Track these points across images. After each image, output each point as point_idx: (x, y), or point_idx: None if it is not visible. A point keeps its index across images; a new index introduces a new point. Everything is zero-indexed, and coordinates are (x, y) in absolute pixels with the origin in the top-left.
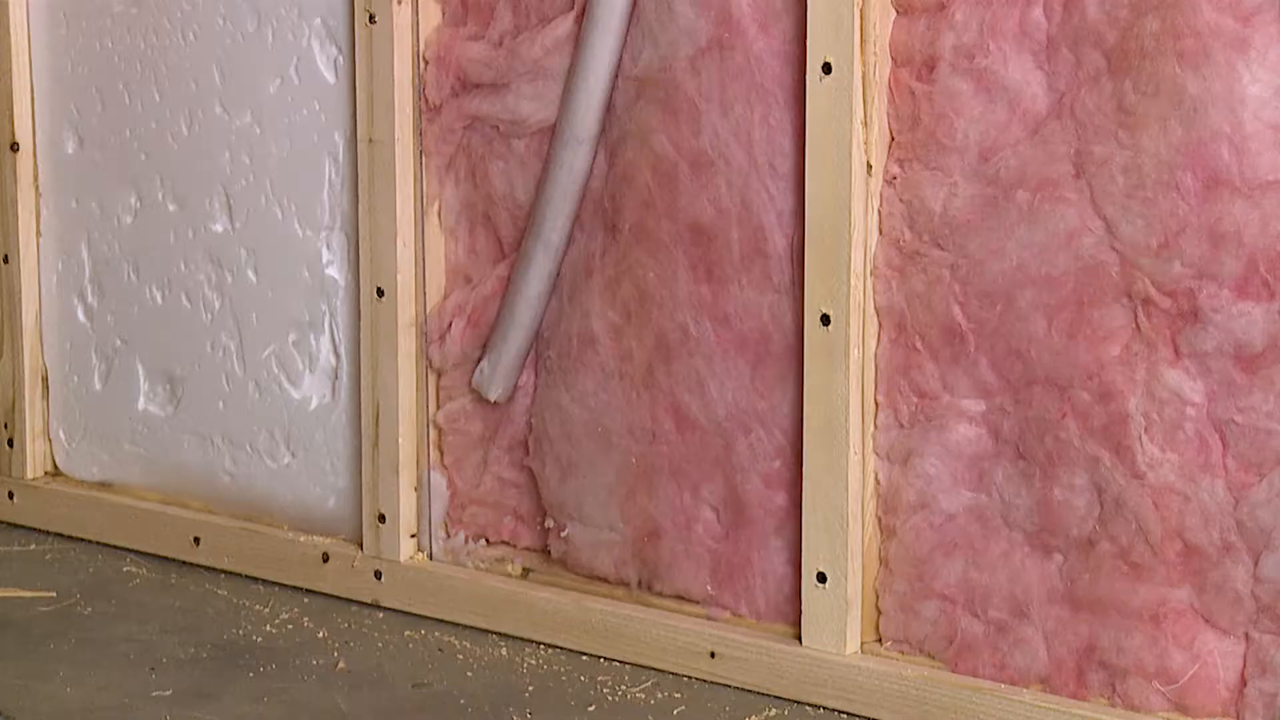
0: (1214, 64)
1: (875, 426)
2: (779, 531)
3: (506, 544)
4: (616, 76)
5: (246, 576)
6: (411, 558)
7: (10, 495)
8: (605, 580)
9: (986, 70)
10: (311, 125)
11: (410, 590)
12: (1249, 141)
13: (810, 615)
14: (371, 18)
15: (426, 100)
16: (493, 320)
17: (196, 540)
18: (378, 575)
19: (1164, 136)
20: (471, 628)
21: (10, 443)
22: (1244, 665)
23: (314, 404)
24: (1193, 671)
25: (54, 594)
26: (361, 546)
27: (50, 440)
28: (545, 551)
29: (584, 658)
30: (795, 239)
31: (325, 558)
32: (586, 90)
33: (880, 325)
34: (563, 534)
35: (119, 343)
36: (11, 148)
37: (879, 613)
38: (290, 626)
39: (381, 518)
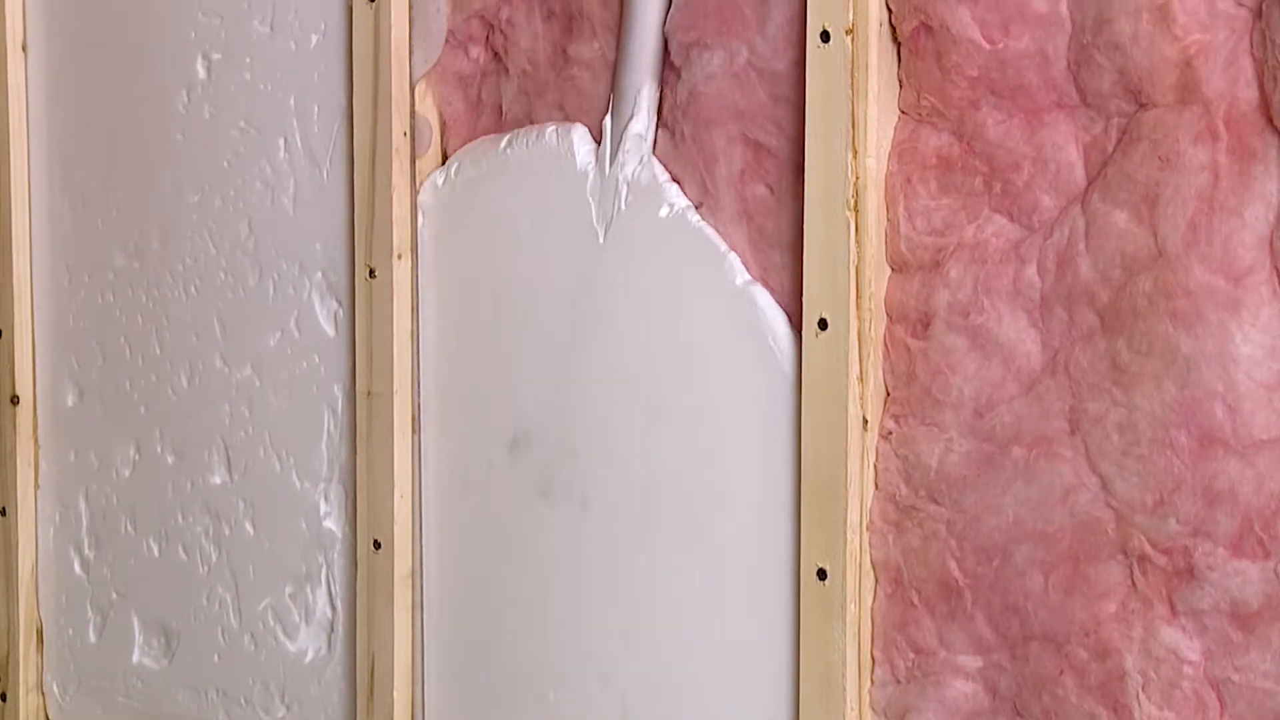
0: (1206, 324)
1: (872, 682)
2: None
3: None
4: None
5: None
6: None
7: None
8: None
9: (981, 327)
10: (311, 378)
11: None
12: (1243, 401)
13: None
14: (371, 272)
15: None
16: None
17: None
18: None
19: (1158, 394)
20: None
21: (3, 696)
22: None
23: (310, 656)
24: None
25: None
26: None
27: (44, 694)
28: None
29: None
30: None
31: None
32: None
33: (877, 580)
34: None
35: (115, 595)
36: (12, 400)
37: None
38: None
39: None
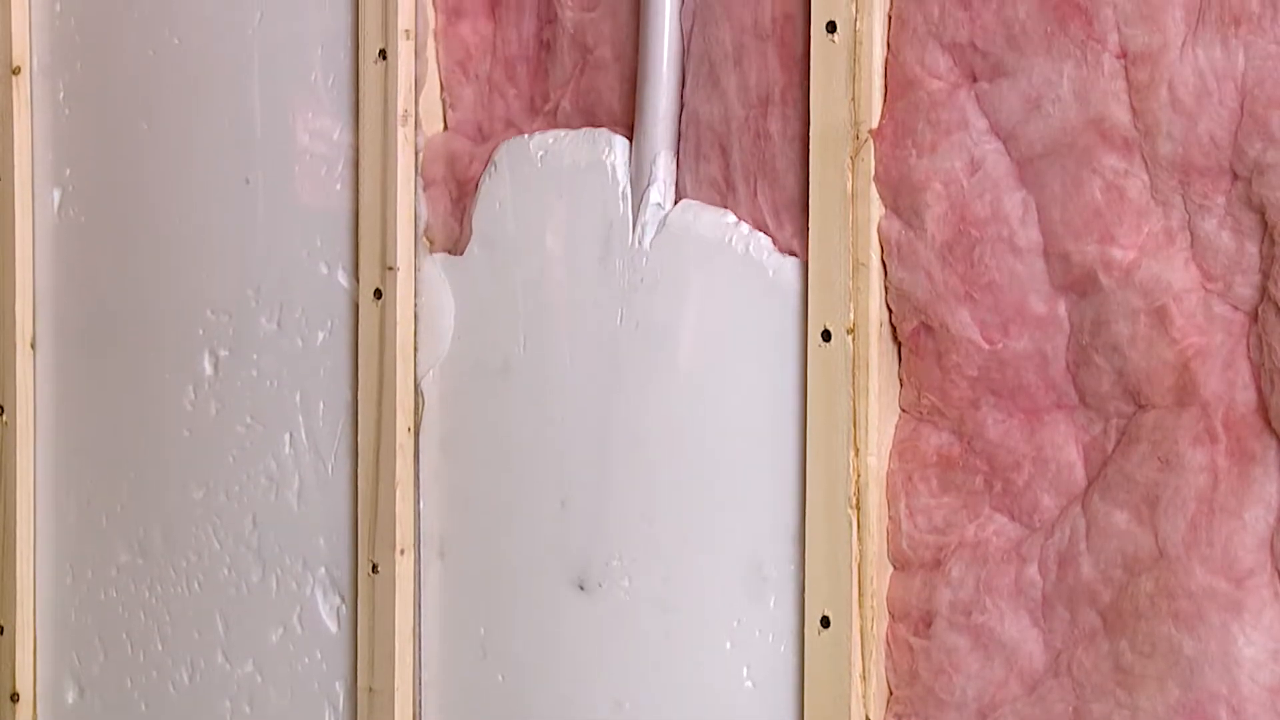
0: (1209, 625)
1: None
2: None
3: None
4: None
5: None
6: None
7: None
8: None
9: (983, 627)
10: (313, 674)
11: None
12: (1246, 704)
13: None
14: (374, 567)
15: None
16: None
17: None
18: None
19: (1161, 696)
20: None
21: None
22: None
23: None
24: None
25: None
26: None
27: None
28: None
29: None
30: None
31: None
32: None
33: None
34: None
35: None
36: (11, 698)
37: None
38: None
39: None
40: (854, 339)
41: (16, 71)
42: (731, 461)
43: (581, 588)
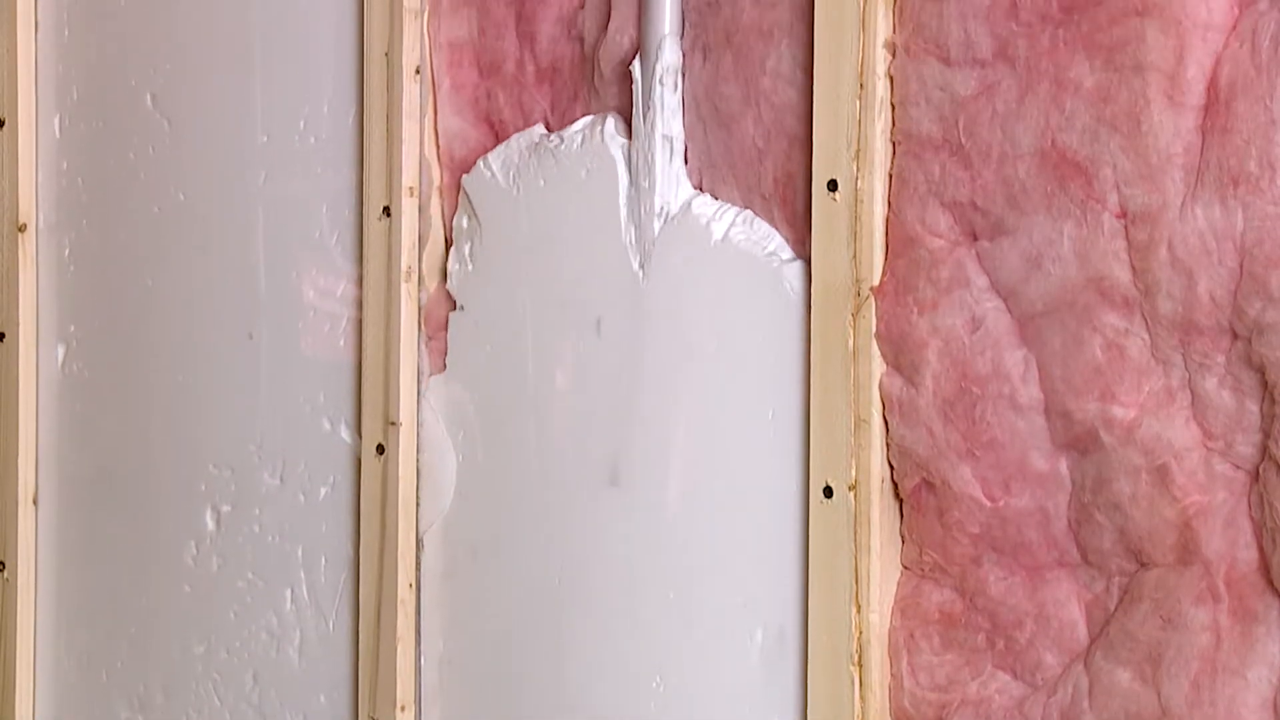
0: None
1: None
2: None
3: None
4: None
5: None
6: None
7: None
8: None
9: None
10: None
11: None
12: None
13: None
14: None
15: None
16: None
17: None
18: None
19: None
20: None
21: None
22: None
23: None
24: None
25: None
26: None
27: None
28: None
29: None
30: None
31: None
32: None
33: None
34: None
35: None
36: None
37: None
38: None
39: None
40: (856, 495)
41: (23, 229)
42: (735, 622)
43: None
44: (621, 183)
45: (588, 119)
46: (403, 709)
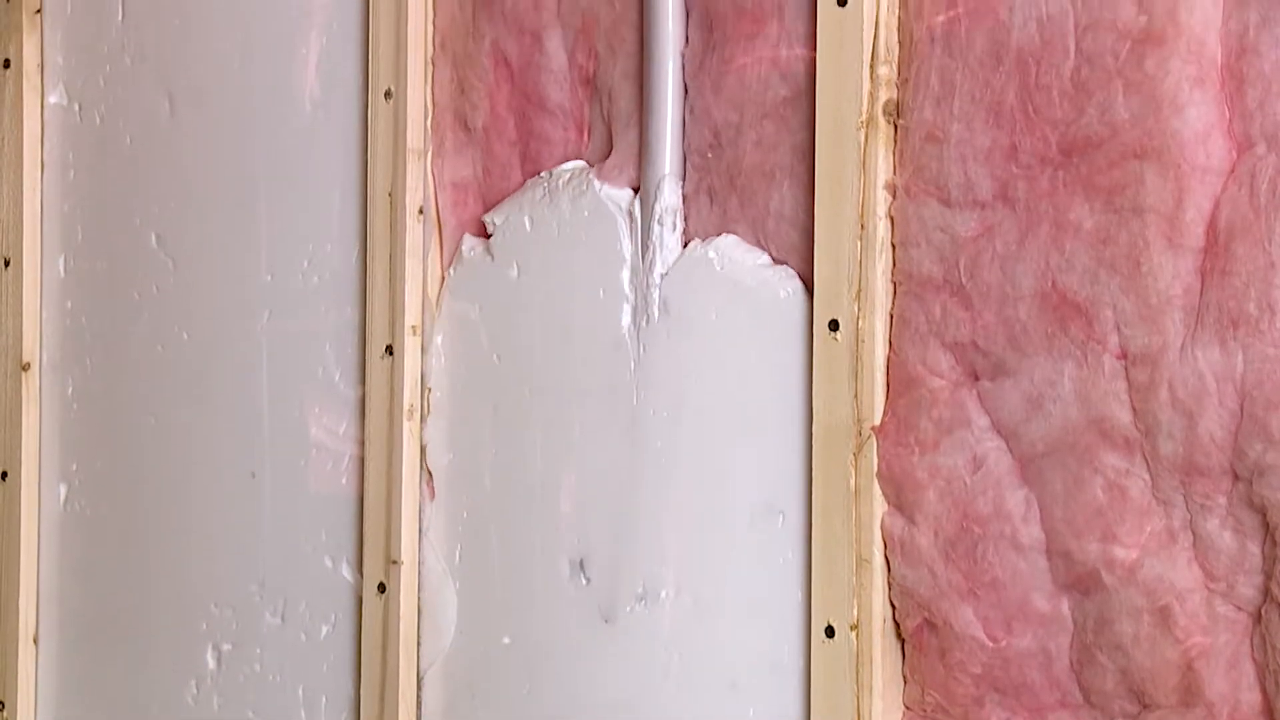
0: None
1: None
2: None
3: None
4: None
5: None
6: None
7: None
8: None
9: None
10: None
11: None
12: None
13: None
14: None
15: None
16: None
17: None
18: None
19: None
20: None
21: None
22: None
23: None
24: None
25: None
26: None
27: None
28: None
29: None
30: None
31: None
32: None
33: None
34: None
35: None
36: None
37: None
38: None
39: None
40: (858, 635)
41: (26, 368)
42: None
43: None
44: (625, 318)
45: None
46: None
